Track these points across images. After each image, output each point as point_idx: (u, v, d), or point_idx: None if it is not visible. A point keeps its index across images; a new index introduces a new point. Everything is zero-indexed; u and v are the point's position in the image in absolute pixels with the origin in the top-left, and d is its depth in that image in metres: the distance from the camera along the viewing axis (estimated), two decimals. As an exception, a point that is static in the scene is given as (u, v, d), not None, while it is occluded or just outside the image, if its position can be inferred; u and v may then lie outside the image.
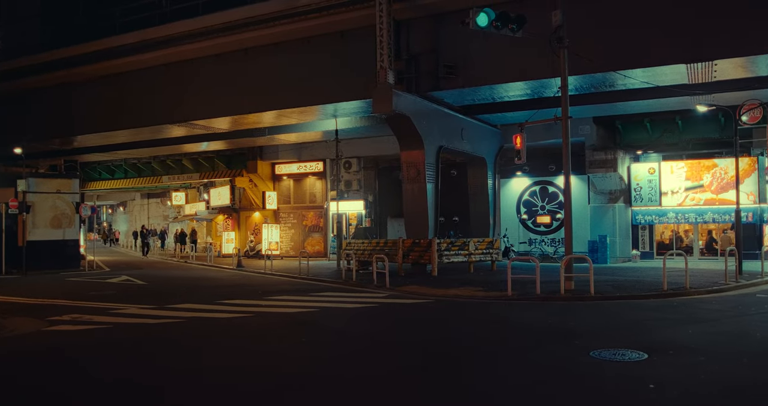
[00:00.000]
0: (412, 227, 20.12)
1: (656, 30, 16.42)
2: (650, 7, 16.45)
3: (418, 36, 19.46)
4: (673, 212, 24.62)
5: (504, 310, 12.35)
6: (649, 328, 9.78)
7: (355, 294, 15.27)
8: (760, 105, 18.36)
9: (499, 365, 7.63)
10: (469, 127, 22.14)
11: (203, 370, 7.56)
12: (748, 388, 6.22)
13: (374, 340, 9.49)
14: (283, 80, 21.33)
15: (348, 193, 29.39)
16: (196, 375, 7.31)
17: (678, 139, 24.07)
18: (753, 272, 17.56)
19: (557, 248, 25.37)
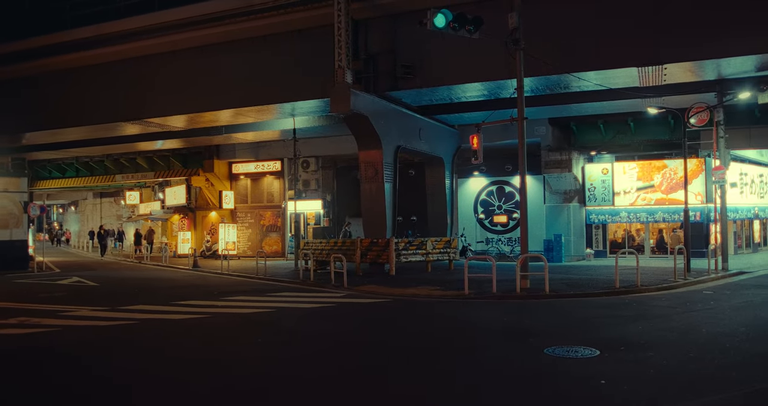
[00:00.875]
0: (370, 227, 20.13)
1: (609, 34, 16.78)
2: (603, 11, 16.80)
3: (377, 36, 19.47)
4: (625, 211, 25.20)
5: (460, 309, 12.45)
6: (602, 325, 10.00)
7: (312, 294, 15.20)
8: (707, 108, 18.93)
9: (454, 363, 7.69)
10: (427, 128, 22.26)
11: (150, 371, 7.43)
12: (695, 381, 6.40)
13: (331, 340, 9.46)
14: (241, 78, 21.08)
15: (306, 193, 29.23)
16: (142, 376, 7.18)
17: (630, 140, 24.65)
18: (700, 269, 18.10)
19: (514, 247, 25.71)
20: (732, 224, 25.57)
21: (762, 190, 28.42)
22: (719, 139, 19.40)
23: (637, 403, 5.82)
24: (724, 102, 18.96)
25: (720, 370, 6.86)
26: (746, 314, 10.83)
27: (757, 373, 6.68)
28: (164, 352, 8.72)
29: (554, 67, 16.37)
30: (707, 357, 7.48)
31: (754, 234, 29.27)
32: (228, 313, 12.28)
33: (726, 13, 15.68)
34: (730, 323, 9.88)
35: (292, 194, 25.50)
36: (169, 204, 35.12)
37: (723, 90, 18.86)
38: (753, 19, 15.49)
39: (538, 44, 15.78)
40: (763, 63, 16.68)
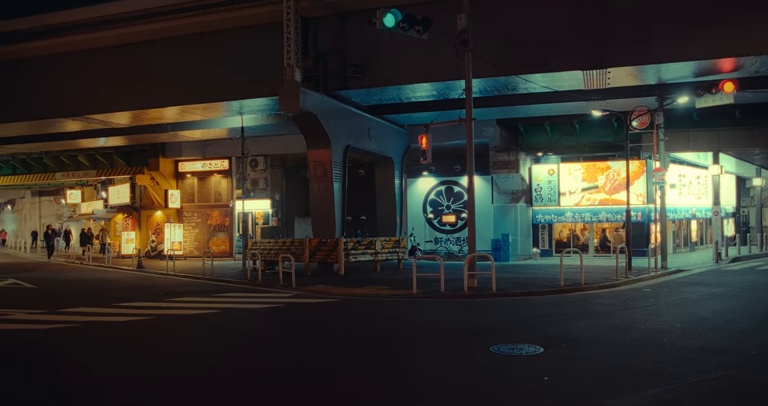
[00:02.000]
0: (319, 226, 20.02)
1: (555, 37, 17.11)
2: (550, 15, 17.13)
3: (326, 34, 19.38)
4: (570, 211, 25.77)
5: (409, 308, 12.49)
6: (546, 323, 10.17)
7: (260, 294, 15.03)
8: (648, 112, 19.51)
9: (400, 362, 7.70)
10: (376, 127, 22.28)
11: (89, 374, 7.21)
12: (633, 376, 6.57)
13: (277, 340, 9.36)
14: (188, 75, 20.65)
15: (254, 192, 28.89)
16: (79, 380, 6.96)
17: (576, 142, 25.20)
18: (641, 267, 18.66)
19: (462, 247, 25.97)
20: (671, 224, 26.44)
21: (699, 192, 29.48)
22: (659, 141, 20.03)
23: (578, 398, 5.94)
24: (665, 106, 19.58)
25: (657, 365, 7.05)
26: (682, 310, 11.20)
27: (692, 367, 6.90)
28: (106, 353, 8.46)
29: (502, 68, 16.61)
30: (645, 353, 7.69)
31: (691, 234, 30.34)
32: (173, 314, 12.01)
33: (666, 21, 16.20)
34: (667, 319, 10.20)
35: (241, 193, 25.17)
36: (112, 203, 34.17)
37: (663, 94, 19.48)
38: (691, 28, 16.05)
39: (487, 46, 15.99)
40: (700, 69, 17.31)
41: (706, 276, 17.77)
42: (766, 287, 14.87)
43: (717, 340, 8.41)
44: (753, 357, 7.46)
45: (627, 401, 5.76)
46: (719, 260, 22.87)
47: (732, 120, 23.20)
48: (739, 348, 7.89)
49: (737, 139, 24.28)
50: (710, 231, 30.79)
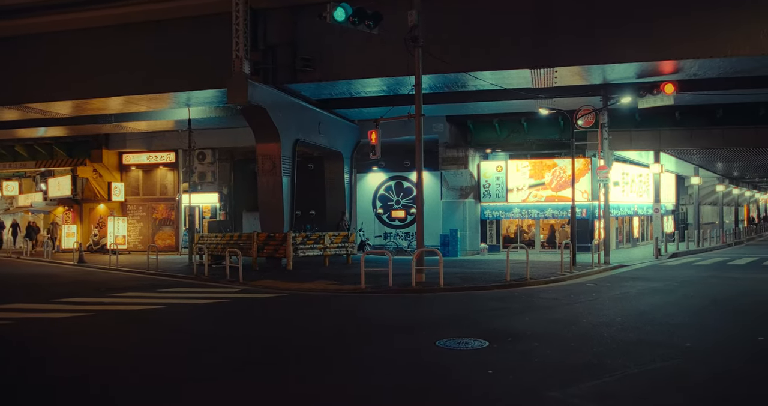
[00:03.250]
0: (267, 221, 19.81)
1: (505, 36, 17.33)
2: (499, 14, 17.32)
3: (276, 27, 19.14)
4: (518, 207, 26.18)
5: (356, 303, 12.48)
6: (492, 317, 10.31)
7: (206, 289, 14.78)
8: (593, 111, 19.95)
9: (348, 356, 7.68)
10: (326, 121, 22.16)
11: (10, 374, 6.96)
12: (575, 369, 6.71)
13: (223, 336, 9.21)
14: (134, 64, 20.05)
15: (202, 186, 28.39)
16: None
17: (523, 139, 25.60)
18: (585, 263, 19.10)
19: (411, 242, 26.10)
20: (614, 221, 27.16)
21: (641, 190, 30.36)
22: (604, 140, 20.53)
23: (521, 392, 6.04)
24: (609, 105, 20.07)
25: (597, 358, 7.23)
26: (623, 305, 11.51)
27: (630, 359, 7.09)
28: (40, 352, 8.18)
29: (452, 65, 16.71)
30: (586, 346, 7.87)
31: (633, 230, 31.23)
32: (115, 310, 11.71)
33: (612, 23, 16.62)
34: (608, 313, 10.47)
35: (187, 187, 24.65)
36: (52, 195, 33.01)
37: (608, 94, 19.97)
38: (635, 31, 16.52)
39: (437, 42, 16.08)
40: (642, 71, 17.82)
41: (646, 271, 18.32)
42: (702, 281, 15.42)
43: (655, 333, 8.67)
44: (688, 349, 7.72)
45: (568, 393, 5.87)
46: (659, 255, 23.61)
47: (672, 121, 23.98)
48: (676, 341, 8.15)
49: (677, 140, 25.13)
50: (651, 228, 31.76)
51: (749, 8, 15.76)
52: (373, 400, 5.91)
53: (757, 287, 14.43)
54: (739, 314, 10.58)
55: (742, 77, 18.35)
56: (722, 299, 12.20)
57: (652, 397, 5.80)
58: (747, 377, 6.57)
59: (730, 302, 11.85)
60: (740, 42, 15.85)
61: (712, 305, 11.48)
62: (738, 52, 15.94)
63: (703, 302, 11.83)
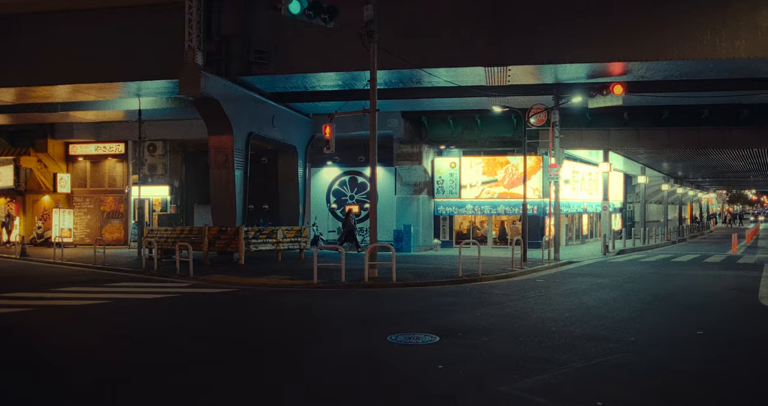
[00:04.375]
0: (219, 215, 19.56)
1: (460, 34, 17.48)
2: (455, 12, 17.48)
3: (230, 18, 18.86)
4: (471, 203, 26.46)
5: (308, 298, 12.42)
6: (443, 312, 10.39)
7: (155, 284, 14.49)
8: (545, 110, 20.31)
9: (296, 353, 7.64)
10: (280, 115, 21.97)
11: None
12: (523, 363, 6.82)
13: (169, 332, 9.05)
14: (83, 52, 19.46)
15: (152, 178, 27.80)
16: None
17: (477, 136, 25.89)
18: (536, 259, 19.46)
19: (365, 237, 26.09)
20: (564, 218, 27.72)
21: (591, 188, 31.06)
22: (555, 138, 20.90)
23: (470, 386, 6.11)
24: (560, 105, 20.44)
25: (545, 352, 7.37)
26: (571, 300, 11.77)
27: (577, 353, 7.26)
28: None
29: (407, 61, 16.76)
30: (535, 340, 8.02)
31: (582, 227, 31.93)
32: (58, 305, 11.37)
33: (564, 24, 16.98)
34: (557, 308, 10.68)
35: (137, 179, 24.07)
36: (-7, 186, 31.84)
37: (559, 94, 20.34)
38: (587, 33, 16.91)
39: (393, 38, 16.09)
40: (593, 71, 18.23)
41: (594, 268, 18.75)
42: (647, 278, 15.88)
43: (601, 327, 8.89)
44: (632, 343, 7.93)
45: (516, 387, 5.97)
46: (607, 252, 24.22)
47: (621, 121, 24.61)
48: (620, 335, 8.37)
49: (625, 139, 25.78)
50: (599, 225, 32.55)
51: (694, 15, 16.35)
52: (320, 396, 5.89)
53: (698, 283, 14.93)
54: (680, 309, 10.93)
55: (687, 80, 18.99)
56: (665, 295, 12.58)
57: (596, 389, 5.94)
58: (685, 369, 6.79)
59: (672, 298, 12.23)
60: (685, 46, 16.39)
61: (655, 300, 11.83)
62: (683, 56, 16.49)
63: (647, 297, 12.17)
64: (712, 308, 11.17)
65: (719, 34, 16.16)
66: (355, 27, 14.69)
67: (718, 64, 16.90)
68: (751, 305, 11.48)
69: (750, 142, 24.93)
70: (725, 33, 16.13)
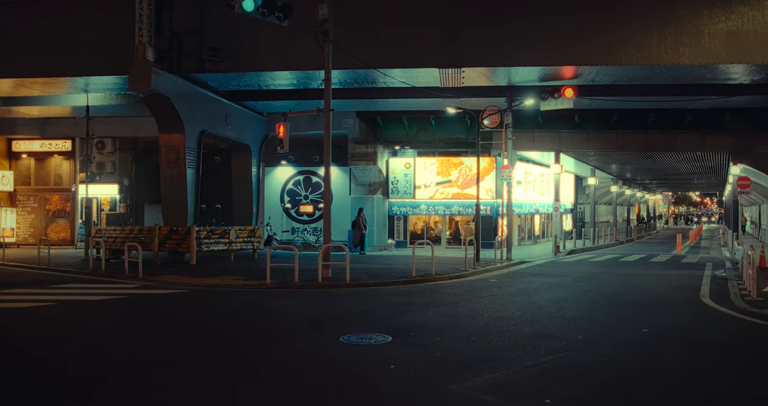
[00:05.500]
0: (170, 214, 19.21)
1: (414, 35, 17.56)
2: (410, 13, 17.54)
3: (183, 13, 18.53)
4: (425, 204, 26.62)
5: (261, 299, 12.29)
6: (397, 312, 10.42)
7: (102, 285, 14.13)
8: (498, 111, 20.58)
9: (250, 353, 7.56)
10: (234, 113, 21.70)
11: None
12: (474, 362, 6.89)
13: (115, 334, 8.83)
14: (27, 44, 18.76)
15: (101, 177, 27.10)
16: None
17: (432, 137, 26.06)
18: (489, 259, 19.70)
19: (319, 237, 26.01)
20: (517, 218, 28.14)
21: (542, 189, 31.60)
22: (508, 140, 21.20)
23: (422, 386, 6.13)
24: (513, 107, 20.74)
25: (496, 350, 7.46)
26: (522, 299, 11.95)
27: (527, 352, 7.37)
28: None
29: (362, 61, 16.75)
30: (486, 339, 8.11)
31: (534, 227, 32.47)
32: (-2, 307, 10.98)
33: (517, 28, 17.24)
34: (508, 308, 10.83)
35: (85, 177, 23.43)
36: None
37: (512, 96, 20.64)
38: (539, 37, 17.20)
39: (348, 38, 16.06)
40: (545, 74, 18.55)
41: (545, 267, 19.09)
42: (595, 277, 16.24)
43: (550, 326, 9.05)
44: (580, 341, 8.10)
45: (466, 386, 6.02)
46: (558, 252, 24.69)
47: (572, 124, 25.13)
48: (568, 333, 8.54)
49: (576, 142, 26.33)
50: (551, 225, 33.13)
51: (641, 22, 16.82)
52: (274, 396, 5.84)
53: (644, 282, 15.35)
54: (627, 308, 11.21)
55: (635, 85, 19.51)
56: (613, 294, 12.89)
57: (545, 388, 6.03)
58: (630, 366, 6.96)
59: (619, 297, 12.54)
60: (633, 52, 16.84)
61: (603, 299, 12.10)
62: (631, 61, 16.94)
63: (596, 296, 12.45)
64: (657, 306, 11.48)
65: (665, 41, 16.65)
66: (310, 26, 14.62)
67: (663, 69, 17.41)
68: (693, 303, 11.86)
69: (694, 146, 25.76)
70: (670, 40, 16.63)
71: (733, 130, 24.33)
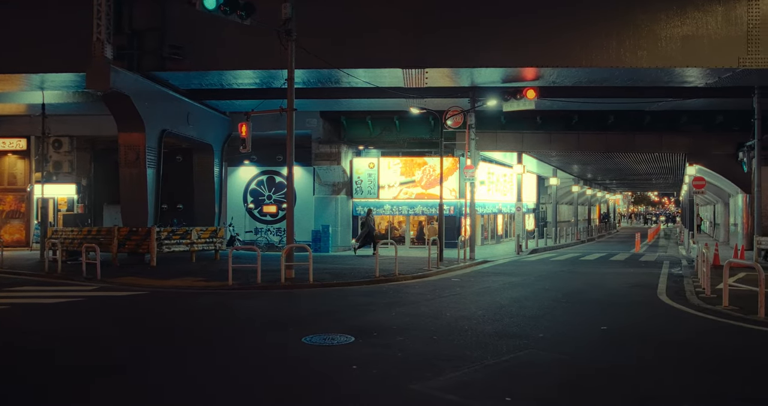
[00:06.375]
0: (129, 215, 18.85)
1: (378, 35, 17.57)
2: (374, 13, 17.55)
3: (143, 11, 18.22)
4: (389, 204, 26.65)
5: (222, 300, 12.15)
6: (360, 312, 10.41)
7: (58, 288, 13.80)
8: (461, 112, 20.72)
9: (210, 355, 7.45)
10: (196, 112, 21.42)
11: None
12: (436, 361, 6.91)
13: (70, 337, 8.61)
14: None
15: (57, 176, 26.44)
16: None
17: (396, 137, 26.11)
18: (452, 258, 19.81)
19: (283, 237, 25.83)
20: (480, 218, 28.35)
21: (505, 189, 31.93)
22: (471, 140, 21.36)
23: (383, 386, 6.13)
24: (476, 107, 20.90)
25: (458, 349, 7.51)
26: (485, 298, 12.05)
27: (488, 351, 7.43)
28: None
29: (326, 61, 16.68)
30: (449, 339, 8.15)
31: (497, 227, 32.79)
32: (-52, 311, 10.63)
33: (479, 29, 17.37)
34: (470, 307, 10.90)
35: (40, 177, 22.83)
36: None
37: (476, 97, 20.79)
38: (501, 38, 17.39)
39: (312, 37, 15.99)
40: (507, 76, 18.74)
41: (507, 267, 19.29)
42: (557, 276, 16.48)
43: (512, 325, 9.14)
44: (540, 339, 8.20)
45: (428, 385, 6.04)
46: (520, 251, 24.97)
47: (534, 124, 25.43)
48: (529, 332, 8.64)
49: (538, 142, 26.66)
50: (514, 225, 33.49)
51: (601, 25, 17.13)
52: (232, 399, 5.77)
53: (604, 280, 15.62)
54: (586, 306, 11.39)
55: (595, 87, 19.84)
56: (573, 292, 13.09)
57: (506, 386, 6.09)
58: (589, 363, 7.08)
59: (580, 295, 12.74)
60: (593, 54, 17.14)
61: (564, 297, 12.28)
62: (591, 63, 17.23)
63: (557, 295, 12.62)
64: (615, 304, 11.69)
65: (623, 44, 16.98)
66: (273, 25, 14.50)
67: (623, 72, 17.75)
68: (651, 301, 12.12)
69: (652, 147, 26.30)
70: (629, 43, 16.97)
71: (689, 132, 24.96)
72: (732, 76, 17.70)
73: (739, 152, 24.18)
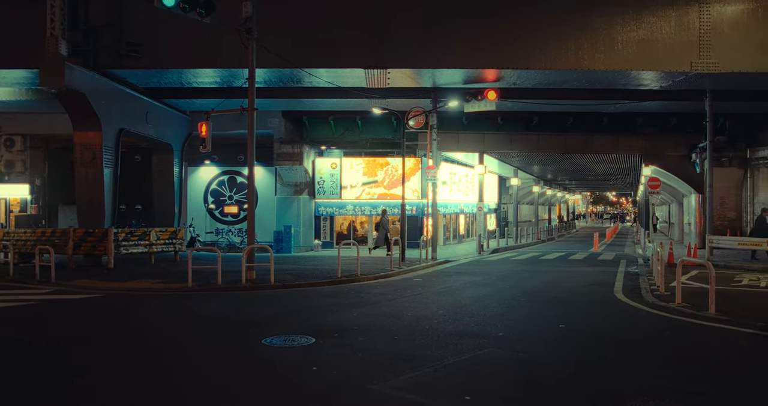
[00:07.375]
0: (86, 216, 18.45)
1: (340, 35, 17.56)
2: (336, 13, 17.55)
3: (99, 6, 17.88)
4: (351, 204, 26.63)
5: (182, 302, 11.97)
6: (321, 313, 10.36)
7: (9, 291, 13.38)
8: (423, 112, 20.81)
9: (165, 359, 7.33)
10: (155, 111, 21.07)
11: None
12: (397, 361, 6.93)
13: (19, 343, 8.36)
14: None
15: (9, 176, 25.73)
16: None
17: (358, 137, 26.11)
18: (414, 258, 19.88)
19: (244, 238, 25.60)
20: (442, 218, 28.53)
21: (467, 189, 32.20)
22: (433, 141, 21.47)
23: (344, 386, 6.11)
24: (438, 108, 21.03)
25: (419, 349, 7.53)
26: (446, 298, 12.12)
27: (448, 350, 7.47)
28: None
29: (287, 61, 16.59)
30: (409, 338, 8.17)
31: (459, 227, 33.05)
32: None
33: (441, 31, 17.52)
34: (431, 306, 10.96)
35: (-8, 177, 22.23)
36: None
37: (437, 97, 20.93)
38: (461, 40, 17.54)
39: (273, 36, 15.92)
40: (468, 77, 18.91)
41: (469, 266, 19.44)
42: (517, 275, 16.67)
43: (472, 324, 9.21)
44: (500, 338, 8.28)
45: (388, 385, 6.04)
46: (482, 251, 25.20)
47: (495, 125, 25.72)
48: (489, 331, 8.72)
49: (499, 143, 26.97)
50: (475, 225, 33.80)
51: (559, 28, 17.45)
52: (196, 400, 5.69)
53: (563, 279, 15.87)
54: (546, 305, 11.55)
55: (554, 89, 20.16)
56: (533, 291, 13.26)
57: (465, 384, 6.13)
58: (548, 361, 7.17)
59: (539, 294, 12.91)
60: (552, 57, 17.42)
61: (523, 296, 12.43)
62: (550, 65, 17.51)
63: (517, 294, 12.77)
64: (574, 302, 11.88)
65: (581, 47, 17.30)
66: (234, 23, 14.35)
67: (581, 74, 18.08)
68: (608, 299, 12.35)
69: (609, 148, 26.85)
70: (587, 46, 17.29)
71: (645, 134, 25.57)
72: (685, 80, 18.18)
73: (693, 154, 24.87)
